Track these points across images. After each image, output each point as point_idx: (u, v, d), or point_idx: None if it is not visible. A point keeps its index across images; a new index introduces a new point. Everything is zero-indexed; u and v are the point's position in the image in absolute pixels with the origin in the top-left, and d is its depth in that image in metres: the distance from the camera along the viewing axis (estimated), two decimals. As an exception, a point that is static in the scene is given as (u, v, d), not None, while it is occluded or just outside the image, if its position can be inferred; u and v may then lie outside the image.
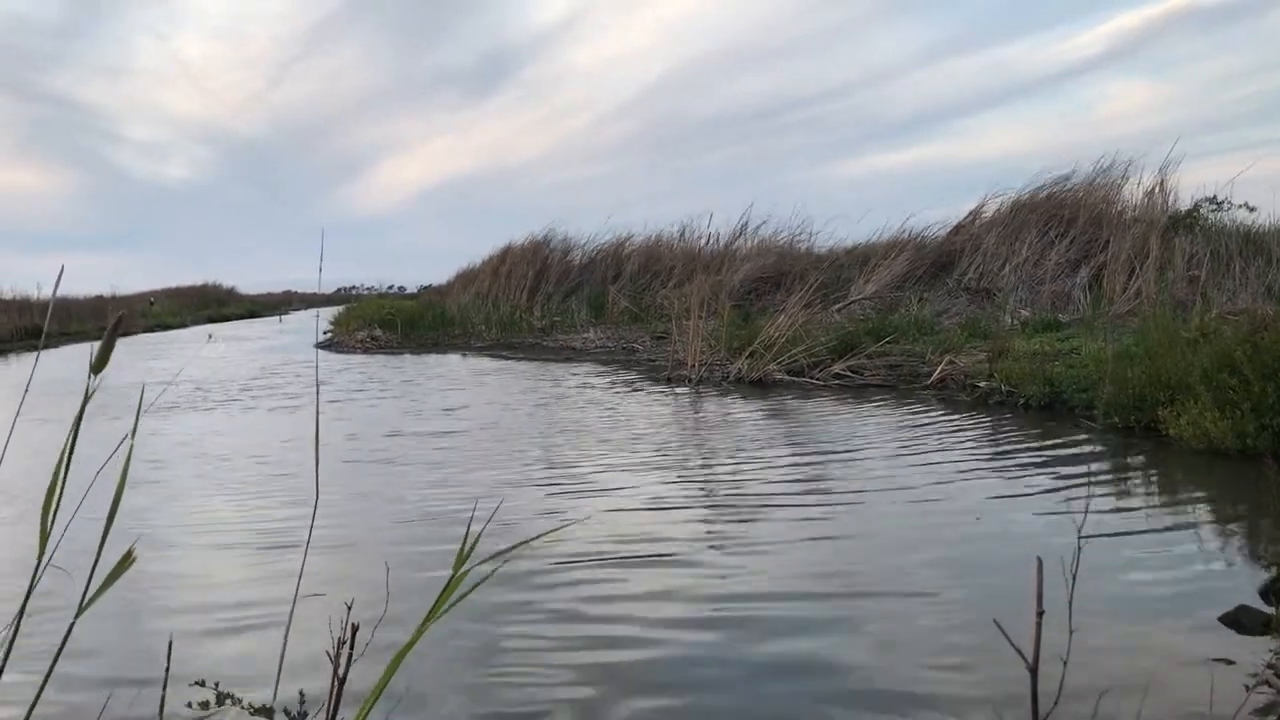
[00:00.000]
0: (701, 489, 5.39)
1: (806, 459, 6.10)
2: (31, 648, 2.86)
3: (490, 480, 5.66)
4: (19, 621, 1.07)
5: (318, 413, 1.54)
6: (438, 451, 6.81)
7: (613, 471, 5.85)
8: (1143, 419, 6.41)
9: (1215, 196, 13.65)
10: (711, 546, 4.12)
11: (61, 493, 1.04)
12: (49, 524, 1.04)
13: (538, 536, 1.70)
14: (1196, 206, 13.70)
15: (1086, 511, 4.40)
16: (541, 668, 2.86)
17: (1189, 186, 21.68)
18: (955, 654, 2.83)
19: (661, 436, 7.23)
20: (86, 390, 1.06)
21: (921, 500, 4.85)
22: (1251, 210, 13.33)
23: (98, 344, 1.12)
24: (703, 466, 6.06)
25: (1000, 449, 6.25)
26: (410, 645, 1.05)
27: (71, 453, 1.04)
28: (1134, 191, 15.55)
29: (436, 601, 1.12)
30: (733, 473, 5.74)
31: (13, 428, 1.41)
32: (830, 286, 15.62)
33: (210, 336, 13.70)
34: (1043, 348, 9.56)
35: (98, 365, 1.09)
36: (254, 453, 6.95)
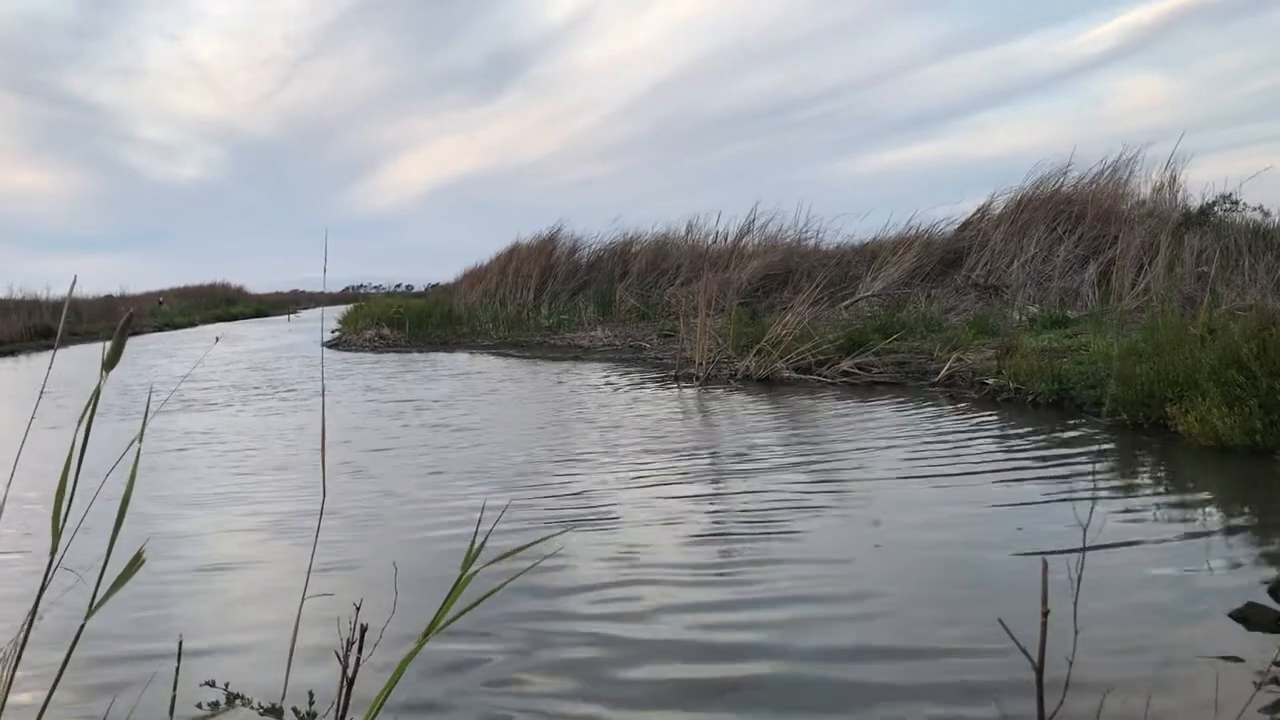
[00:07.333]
0: (710, 487, 5.39)
1: (812, 457, 6.10)
2: (38, 649, 2.88)
3: (495, 481, 5.68)
4: (31, 621, 1.09)
5: (324, 412, 1.55)
6: (440, 453, 6.83)
7: (618, 471, 5.86)
8: (1150, 415, 6.39)
9: (1231, 195, 13.60)
10: (720, 545, 4.13)
11: (73, 493, 1.05)
12: (60, 523, 1.05)
13: (545, 538, 1.71)
14: (1212, 205, 13.63)
15: (1093, 508, 4.40)
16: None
17: (1199, 182, 21.60)
18: (957, 649, 2.83)
19: (669, 435, 7.24)
20: (97, 387, 1.07)
21: (927, 500, 4.85)
22: (1265, 215, 13.29)
23: (108, 343, 1.13)
24: (710, 465, 6.06)
25: (1008, 445, 6.24)
26: (418, 648, 1.06)
27: (84, 452, 1.05)
28: (1142, 187, 15.52)
29: (444, 603, 1.13)
30: (739, 472, 5.75)
31: (26, 433, 1.42)
32: (838, 284, 15.59)
33: (217, 339, 14.08)
34: (1051, 344, 9.54)
35: (109, 362, 1.10)
36: (259, 450, 6.99)
